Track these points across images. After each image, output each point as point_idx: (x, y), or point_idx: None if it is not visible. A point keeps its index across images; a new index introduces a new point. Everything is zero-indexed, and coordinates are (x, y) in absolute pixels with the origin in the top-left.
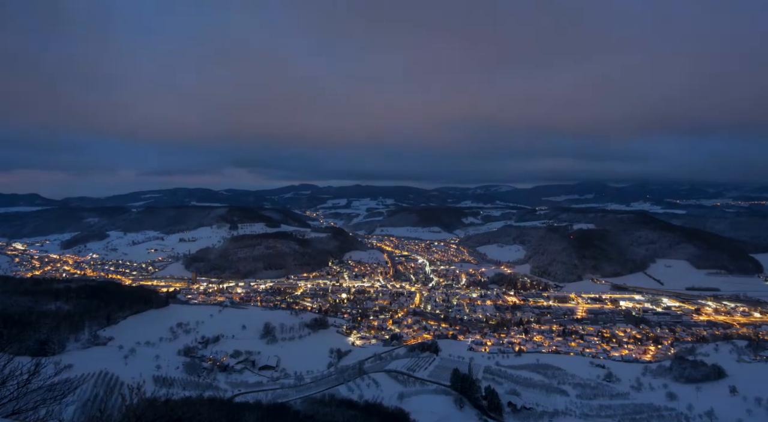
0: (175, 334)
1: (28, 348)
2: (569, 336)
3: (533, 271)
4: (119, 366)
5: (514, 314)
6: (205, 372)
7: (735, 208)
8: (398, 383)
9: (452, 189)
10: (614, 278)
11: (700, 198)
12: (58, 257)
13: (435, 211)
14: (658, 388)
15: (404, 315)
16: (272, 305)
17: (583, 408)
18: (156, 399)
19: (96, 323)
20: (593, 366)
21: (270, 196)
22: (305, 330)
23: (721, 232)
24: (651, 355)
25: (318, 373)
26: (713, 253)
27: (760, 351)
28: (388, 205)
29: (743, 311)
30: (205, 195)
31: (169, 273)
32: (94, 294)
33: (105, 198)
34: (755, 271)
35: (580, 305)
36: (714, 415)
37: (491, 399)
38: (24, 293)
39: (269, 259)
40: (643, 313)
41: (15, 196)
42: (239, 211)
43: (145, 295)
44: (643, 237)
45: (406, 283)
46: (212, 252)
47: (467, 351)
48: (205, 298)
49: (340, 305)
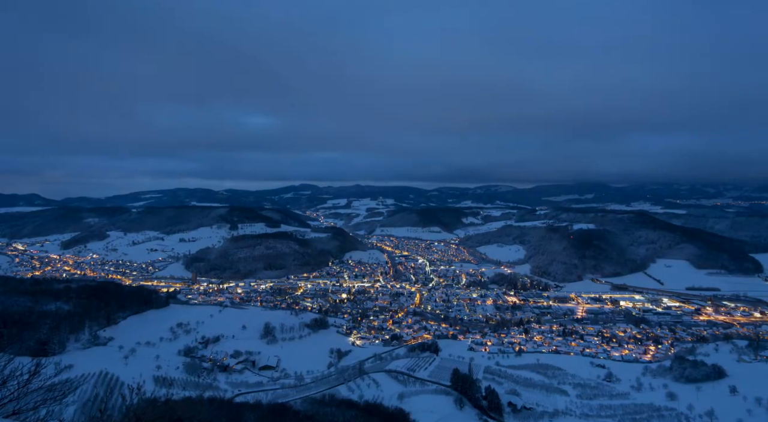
0: (175, 334)
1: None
2: (569, 336)
3: (533, 271)
4: (119, 367)
5: (514, 314)
6: (206, 372)
7: (735, 207)
8: (398, 383)
9: (452, 189)
10: (614, 278)
11: (700, 198)
12: (58, 257)
13: (435, 211)
14: (659, 388)
15: (404, 315)
16: (272, 305)
17: (584, 408)
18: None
19: (96, 323)
20: (593, 366)
21: (270, 196)
22: (305, 330)
23: (721, 232)
24: (651, 355)
25: (318, 373)
26: (713, 253)
27: (760, 351)
28: (388, 205)
29: (743, 311)
30: (205, 195)
31: (169, 273)
32: (94, 295)
33: (105, 198)
34: (755, 271)
35: (580, 305)
36: (714, 415)
37: (491, 399)
38: (24, 293)
39: (269, 259)
40: (643, 313)
41: (15, 196)
42: (239, 211)
43: (145, 295)
44: (643, 237)
45: (406, 283)
46: (212, 253)
47: (467, 351)
48: (205, 298)
49: (340, 305)
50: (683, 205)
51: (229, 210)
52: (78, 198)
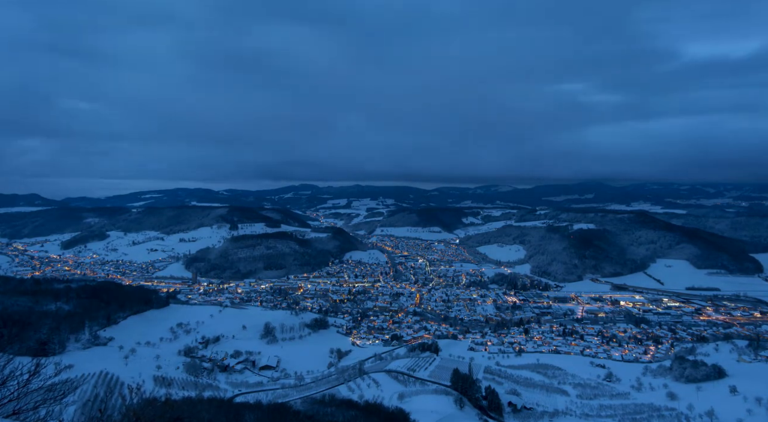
0: (175, 334)
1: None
2: (569, 336)
3: (533, 271)
4: (119, 367)
5: (514, 314)
6: (206, 372)
7: (735, 207)
8: (398, 383)
9: (452, 189)
10: (614, 278)
11: (700, 198)
12: (58, 257)
13: (435, 211)
14: (659, 388)
15: (404, 315)
16: (272, 305)
17: (584, 408)
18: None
19: (96, 323)
20: (593, 366)
21: (270, 196)
22: (305, 330)
23: (721, 232)
24: (651, 355)
25: (318, 373)
26: (713, 253)
27: (760, 351)
28: (389, 205)
29: (743, 311)
30: (205, 195)
31: (170, 273)
32: (94, 295)
33: (105, 198)
34: (755, 271)
35: (580, 305)
36: (714, 415)
37: (491, 399)
38: (24, 293)
39: (269, 259)
40: (643, 313)
41: (15, 196)
42: (239, 211)
43: (146, 295)
44: (643, 237)
45: (406, 283)
46: (212, 253)
47: (467, 351)
48: (205, 298)
49: (340, 305)
50: (683, 205)
51: (229, 210)
52: (78, 198)
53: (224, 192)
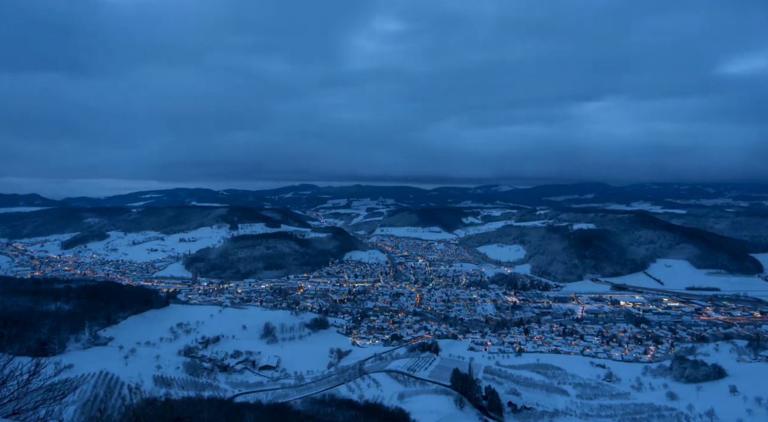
0: (175, 334)
1: (28, 348)
2: (569, 336)
3: (533, 271)
4: (119, 367)
5: (514, 314)
6: (206, 372)
7: (735, 207)
8: (399, 383)
9: (452, 189)
10: (614, 278)
11: (700, 198)
12: (58, 257)
13: (435, 211)
14: (659, 388)
15: (404, 315)
16: (272, 305)
17: (584, 408)
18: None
19: (96, 323)
20: (593, 366)
21: (270, 196)
22: (305, 330)
23: (721, 232)
24: (651, 355)
25: (318, 373)
26: (713, 253)
27: (760, 351)
28: (389, 205)
29: (743, 311)
30: (205, 195)
31: (170, 273)
32: (94, 295)
33: (105, 198)
34: (755, 271)
35: (580, 305)
36: (714, 415)
37: (491, 399)
38: (24, 293)
39: (269, 259)
40: (643, 313)
41: (15, 196)
42: (239, 211)
43: (146, 295)
44: (643, 237)
45: (406, 283)
46: (212, 253)
47: (467, 351)
48: (205, 298)
49: (340, 305)
50: (683, 204)
51: (229, 210)
52: (78, 198)
53: (224, 192)
